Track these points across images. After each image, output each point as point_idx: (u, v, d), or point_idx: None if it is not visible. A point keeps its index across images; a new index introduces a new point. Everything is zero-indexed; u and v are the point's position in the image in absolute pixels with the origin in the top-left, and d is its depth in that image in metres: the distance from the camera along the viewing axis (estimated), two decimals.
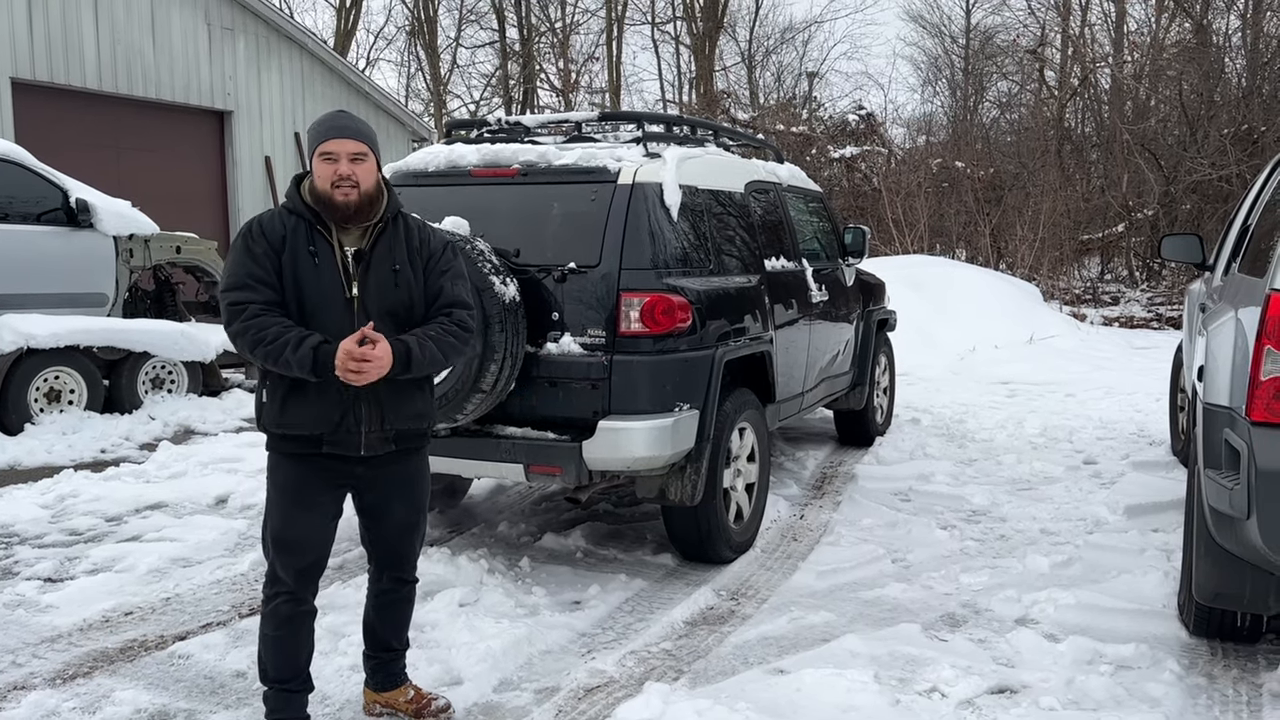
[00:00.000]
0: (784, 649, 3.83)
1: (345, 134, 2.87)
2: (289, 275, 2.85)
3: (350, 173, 2.84)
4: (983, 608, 4.22)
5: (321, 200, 2.87)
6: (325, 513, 3.00)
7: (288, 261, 2.85)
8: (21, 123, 11.76)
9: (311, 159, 2.91)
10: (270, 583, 3.00)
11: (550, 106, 30.44)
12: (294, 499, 2.94)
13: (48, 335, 7.32)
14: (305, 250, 2.86)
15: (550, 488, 5.87)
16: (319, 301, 2.86)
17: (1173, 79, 18.31)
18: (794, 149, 19.83)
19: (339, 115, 2.96)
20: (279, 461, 2.96)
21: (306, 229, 2.89)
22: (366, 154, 2.88)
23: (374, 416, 2.92)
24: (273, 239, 2.86)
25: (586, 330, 4.30)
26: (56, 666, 3.67)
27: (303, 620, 3.03)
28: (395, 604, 3.24)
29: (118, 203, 8.70)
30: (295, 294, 2.85)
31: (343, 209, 2.86)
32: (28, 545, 5.09)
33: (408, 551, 3.20)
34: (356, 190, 2.85)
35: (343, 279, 2.89)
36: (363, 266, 2.92)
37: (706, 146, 5.34)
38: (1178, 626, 3.97)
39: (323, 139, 2.87)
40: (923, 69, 32.91)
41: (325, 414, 2.88)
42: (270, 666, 3.02)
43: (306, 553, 2.97)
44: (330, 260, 2.88)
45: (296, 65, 15.49)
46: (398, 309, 2.95)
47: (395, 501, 3.09)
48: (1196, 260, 6.03)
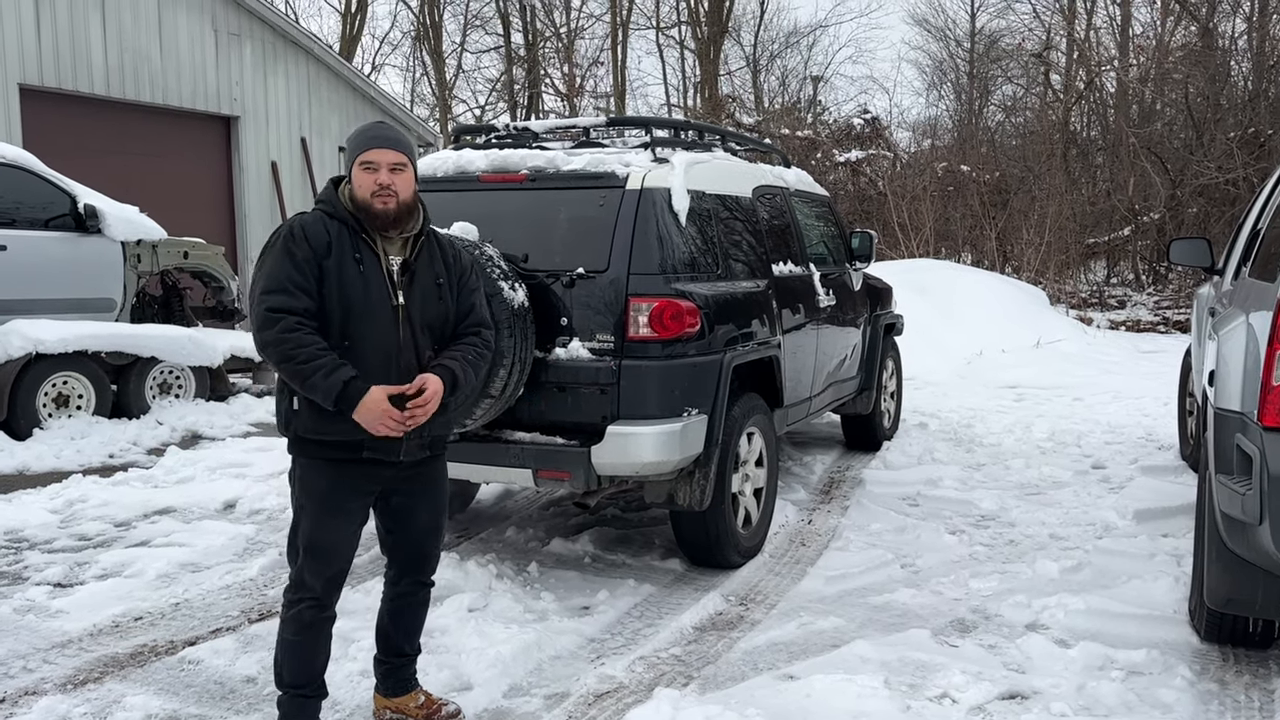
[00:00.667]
0: (793, 654, 3.82)
1: (386, 144, 2.90)
2: (333, 282, 2.84)
3: (390, 182, 2.86)
4: (992, 613, 4.21)
5: (361, 208, 2.89)
6: (355, 519, 3.01)
7: (332, 267, 2.84)
8: (30, 128, 11.79)
9: (351, 167, 2.92)
10: (295, 588, 2.99)
11: (555, 111, 30.49)
12: (327, 506, 2.93)
13: (56, 340, 7.34)
14: (351, 257, 2.87)
15: (559, 493, 5.87)
16: (364, 309, 2.86)
17: (1179, 82, 18.30)
18: (799, 153, 19.83)
19: (380, 125, 2.99)
20: (312, 467, 2.94)
21: (351, 235, 2.89)
22: (406, 165, 2.91)
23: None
24: (316, 243, 2.85)
25: (595, 335, 4.30)
26: (67, 672, 3.68)
27: (323, 626, 3.03)
28: (412, 607, 3.24)
29: (125, 208, 8.72)
30: (339, 301, 2.84)
31: (381, 217, 2.87)
32: (37, 550, 5.10)
33: (430, 553, 3.22)
34: (395, 199, 2.87)
35: (389, 288, 2.90)
36: (408, 277, 2.94)
37: (714, 151, 5.35)
38: (1189, 632, 3.96)
39: (364, 148, 2.89)
40: (927, 73, 32.89)
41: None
42: (286, 671, 3.02)
43: (337, 559, 2.98)
44: (376, 268, 2.89)
45: (303, 70, 15.52)
46: (437, 321, 3.00)
47: (421, 504, 3.12)
48: (1206, 264, 6.01)
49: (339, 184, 2.99)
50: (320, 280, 2.83)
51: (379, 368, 2.86)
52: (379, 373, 2.85)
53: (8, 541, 5.24)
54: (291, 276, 2.80)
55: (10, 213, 7.74)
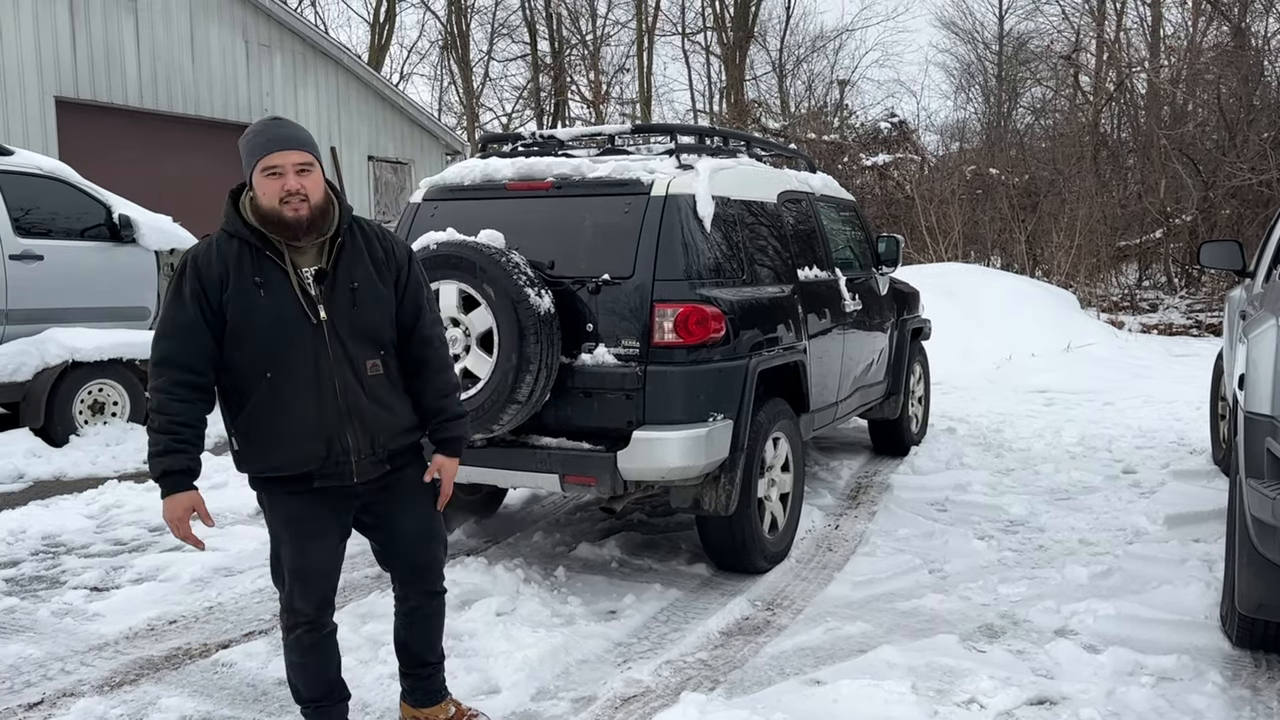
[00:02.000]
0: (820, 660, 3.82)
1: (288, 144, 2.62)
2: (236, 313, 2.61)
3: (299, 186, 2.60)
4: (1021, 618, 4.19)
5: (269, 220, 2.62)
6: (334, 537, 2.87)
7: (232, 297, 2.60)
8: (66, 140, 12.02)
9: (250, 175, 2.64)
10: (288, 613, 2.87)
11: (581, 118, 30.61)
12: (301, 530, 2.79)
13: (92, 348, 7.47)
14: (251, 282, 2.61)
15: (585, 498, 5.89)
16: (278, 335, 2.63)
17: (1211, 83, 18.08)
18: (825, 157, 19.79)
19: (277, 124, 2.69)
20: (273, 499, 2.79)
21: (252, 255, 2.64)
22: (312, 164, 2.64)
23: (363, 443, 2.75)
24: (208, 275, 2.61)
25: (621, 341, 4.33)
26: (104, 674, 3.74)
27: (325, 643, 2.94)
28: (427, 618, 3.09)
29: (159, 218, 8.86)
30: (246, 332, 2.62)
31: (294, 226, 2.61)
32: (74, 555, 5.19)
33: (429, 561, 3.01)
34: (307, 204, 2.61)
35: (304, 304, 2.65)
36: (328, 286, 2.68)
37: (739, 157, 5.36)
38: (1220, 638, 3.92)
39: (263, 152, 2.60)
40: (955, 75, 32.75)
41: (309, 449, 2.70)
42: (302, 688, 2.96)
43: (323, 579, 2.86)
44: (285, 287, 2.64)
45: (332, 80, 15.70)
46: (372, 328, 2.74)
47: (402, 513, 2.93)
48: (1237, 267, 5.96)
49: (238, 197, 2.71)
50: (221, 315, 2.61)
51: (310, 394, 2.66)
52: (312, 399, 2.66)
53: (45, 546, 5.34)
54: (177, 319, 2.62)
55: (47, 223, 7.89)
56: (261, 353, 2.64)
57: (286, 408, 2.67)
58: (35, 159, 8.15)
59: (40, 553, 5.24)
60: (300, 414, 2.67)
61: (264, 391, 2.66)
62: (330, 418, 2.69)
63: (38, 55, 11.80)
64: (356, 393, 2.71)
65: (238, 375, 2.68)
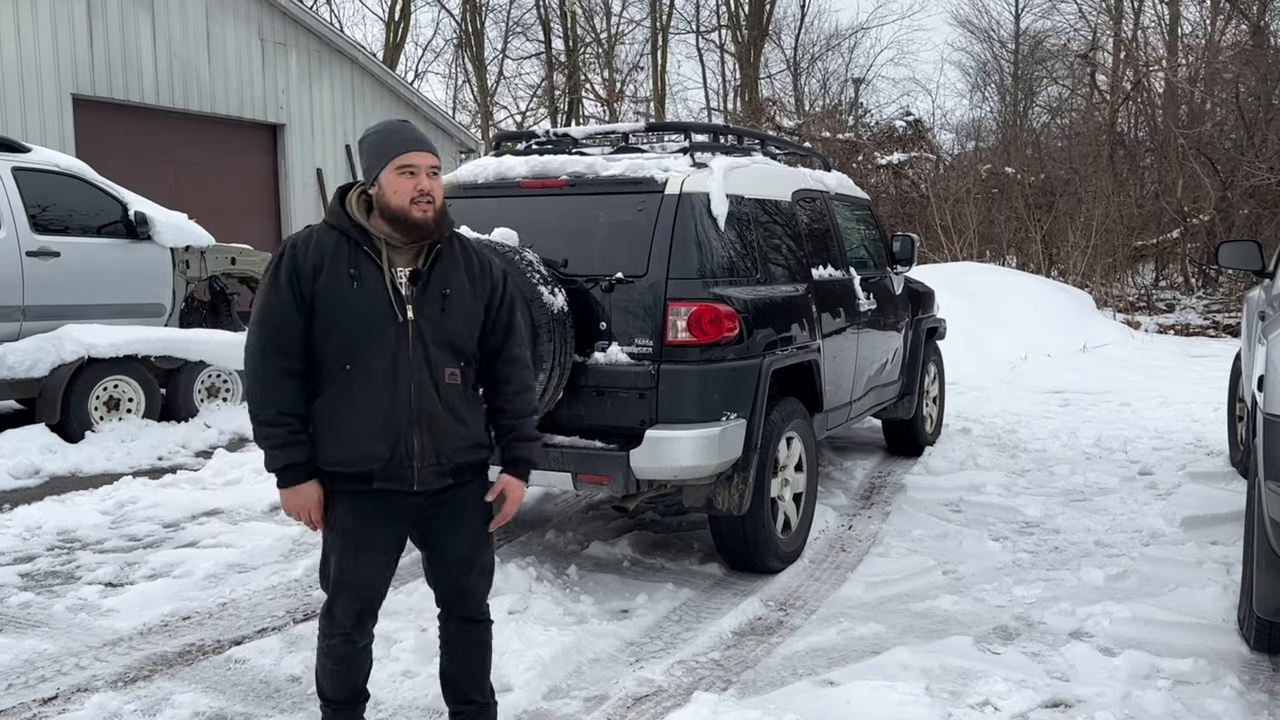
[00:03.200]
0: (833, 661, 3.81)
1: (424, 147, 2.69)
2: (325, 302, 2.64)
3: (430, 188, 2.65)
4: (1036, 620, 4.16)
5: (394, 217, 2.66)
6: (385, 551, 2.81)
7: (323, 287, 2.64)
8: (82, 137, 12.08)
9: (380, 170, 2.67)
10: (326, 619, 2.84)
11: (595, 116, 30.61)
12: (351, 541, 2.75)
13: (108, 345, 7.50)
14: (346, 273, 2.65)
15: (598, 496, 5.89)
16: (364, 328, 2.64)
17: (1229, 82, 17.95)
18: (840, 156, 19.73)
19: (410, 127, 2.76)
20: (334, 500, 2.74)
21: (350, 248, 2.68)
22: (439, 169, 2.73)
23: (429, 450, 2.71)
24: (304, 265, 2.65)
25: (634, 340, 4.32)
26: (118, 669, 3.76)
27: (359, 654, 2.92)
28: (468, 648, 2.97)
29: (174, 215, 8.90)
30: (335, 322, 2.64)
31: (421, 227, 2.66)
32: (89, 550, 5.22)
33: (469, 588, 2.92)
34: (433, 207, 2.66)
35: (394, 303, 2.66)
36: (420, 288, 2.69)
37: (753, 156, 5.35)
38: (1238, 641, 3.89)
39: (401, 150, 2.65)
40: (971, 74, 32.57)
41: (373, 448, 2.68)
42: (328, 688, 2.94)
43: (366, 592, 2.82)
44: (378, 282, 2.66)
45: (347, 79, 15.74)
46: (455, 337, 2.74)
47: (454, 534, 2.85)
48: (1255, 267, 5.91)
49: (345, 194, 2.76)
50: (312, 303, 2.64)
51: (386, 391, 2.66)
52: (385, 397, 2.65)
53: (61, 542, 5.37)
54: (275, 306, 2.65)
55: (64, 220, 7.93)
56: (345, 345, 2.65)
57: (359, 403, 2.67)
58: (52, 156, 8.19)
59: (55, 548, 5.26)
60: (371, 411, 2.66)
61: (340, 384, 2.67)
62: (400, 419, 2.67)
63: (55, 53, 11.86)
64: (431, 398, 2.70)
65: (318, 365, 2.69)
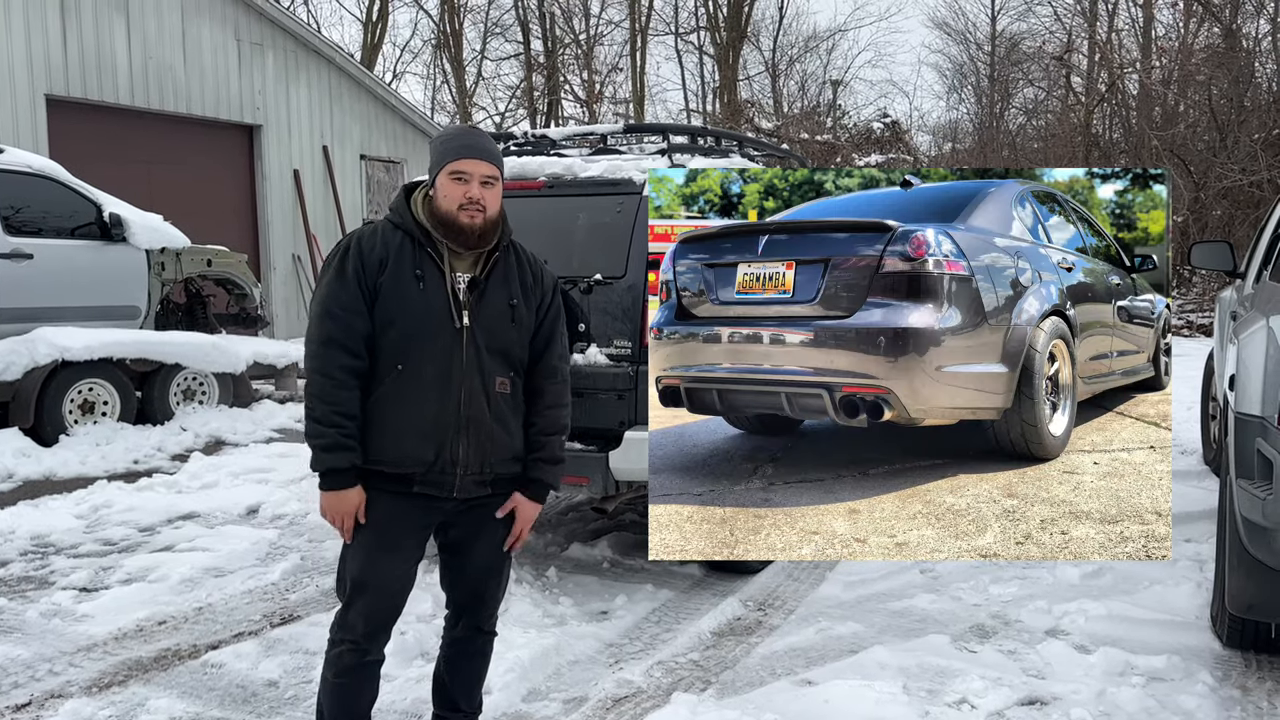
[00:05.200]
0: (811, 660, 3.82)
1: (481, 155, 2.68)
2: (388, 300, 2.64)
3: (480, 196, 2.64)
4: (1012, 619, 4.19)
5: (444, 221, 2.66)
6: (410, 556, 2.77)
7: (387, 284, 2.64)
8: (56, 138, 11.96)
9: (438, 173, 2.69)
10: (338, 627, 2.75)
11: (575, 118, 30.61)
12: (378, 541, 2.69)
13: (82, 348, 7.44)
14: (411, 273, 2.65)
15: (577, 498, 5.88)
16: (421, 330, 2.65)
17: (1202, 84, 18.16)
18: (819, 157, 19.82)
19: (474, 134, 2.78)
20: (369, 495, 2.68)
21: (414, 248, 2.68)
22: (497, 179, 2.71)
23: (473, 458, 2.69)
24: (369, 258, 2.65)
25: (613, 341, 4.32)
26: (92, 675, 3.72)
27: (366, 671, 2.79)
28: (469, 656, 2.96)
29: (149, 217, 8.83)
30: (394, 321, 2.64)
31: (467, 233, 2.65)
32: (63, 555, 5.17)
33: (488, 596, 2.91)
34: (483, 215, 2.65)
35: (453, 307, 2.67)
36: (477, 295, 2.70)
37: (730, 157, 5.36)
38: (1210, 638, 3.93)
39: (456, 156, 2.66)
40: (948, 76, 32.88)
41: (419, 450, 2.65)
42: (326, 710, 2.80)
43: (385, 598, 2.74)
44: (439, 286, 2.66)
45: (324, 79, 15.66)
46: (509, 346, 2.75)
47: (479, 541, 2.83)
48: (1227, 268, 5.97)
49: (411, 192, 2.78)
50: (374, 298, 2.64)
51: (436, 395, 2.64)
52: (434, 400, 2.64)
53: (34, 546, 5.31)
54: (342, 298, 2.63)
55: (37, 222, 7.86)
56: (400, 344, 2.65)
57: (409, 403, 2.65)
58: (25, 157, 8.12)
59: (29, 553, 5.21)
60: (420, 413, 2.65)
61: (391, 383, 2.65)
62: (448, 423, 2.66)
63: (28, 53, 11.74)
64: (480, 405, 2.69)
65: (373, 362, 2.67)
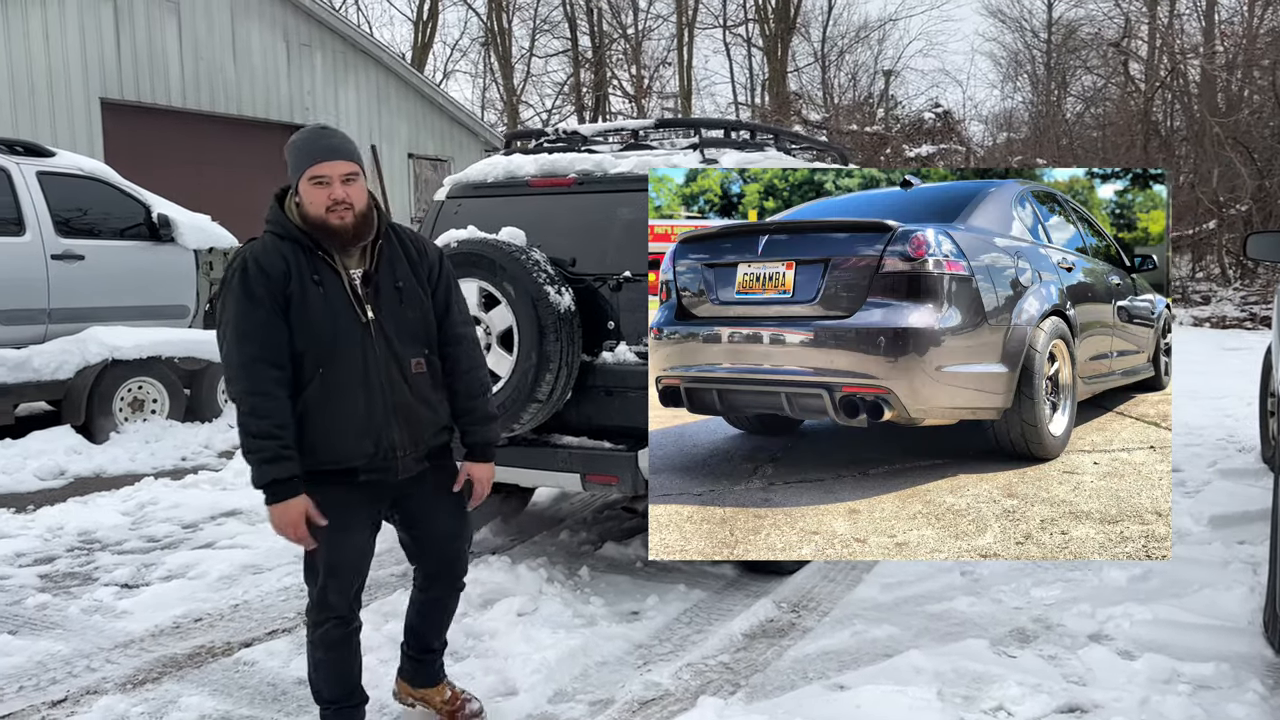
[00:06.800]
0: (844, 664, 3.75)
1: (336, 155, 2.74)
2: (297, 310, 2.71)
3: (344, 195, 2.72)
4: (1054, 623, 4.07)
5: (316, 226, 2.74)
6: (367, 531, 2.96)
7: (295, 295, 2.71)
8: (111, 141, 12.22)
9: (298, 180, 2.76)
10: (318, 608, 2.93)
11: (623, 113, 30.57)
12: (337, 525, 2.82)
13: (132, 347, 7.58)
14: (310, 280, 2.73)
15: (611, 497, 5.85)
16: (333, 333, 2.74)
17: (1267, 69, 17.59)
18: (868, 149, 19.58)
19: (325, 134, 2.82)
20: (312, 491, 2.78)
21: (308, 256, 2.75)
22: (357, 174, 2.77)
23: (408, 441, 2.87)
24: (274, 272, 2.70)
25: (642, 339, 4.28)
26: (127, 672, 3.78)
27: (351, 639, 3.00)
28: (445, 608, 3.19)
29: (198, 217, 8.97)
30: (306, 329, 2.72)
31: (341, 233, 2.73)
32: (108, 552, 5.26)
33: (456, 556, 3.11)
34: (351, 212, 2.73)
35: (355, 304, 2.77)
36: (373, 288, 2.81)
37: (765, 151, 5.28)
38: (1262, 645, 3.78)
39: (312, 161, 2.73)
40: (1003, 64, 32.28)
41: (359, 445, 2.80)
42: (324, 688, 3.00)
43: (356, 574, 2.95)
44: (338, 287, 2.76)
45: (372, 79, 15.81)
46: (414, 328, 2.87)
47: (437, 507, 3.03)
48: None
49: (283, 200, 2.83)
50: (286, 311, 2.70)
51: (359, 391, 2.77)
52: (360, 397, 2.76)
53: (81, 543, 5.42)
54: (255, 317, 2.67)
55: (88, 223, 8.01)
56: (316, 350, 2.73)
57: (336, 405, 2.76)
58: (76, 160, 8.28)
59: (75, 549, 5.32)
60: (350, 411, 2.77)
61: (315, 388, 2.74)
62: (378, 415, 2.79)
63: (83, 57, 12.00)
64: (403, 390, 2.83)
65: (293, 371, 2.74)
